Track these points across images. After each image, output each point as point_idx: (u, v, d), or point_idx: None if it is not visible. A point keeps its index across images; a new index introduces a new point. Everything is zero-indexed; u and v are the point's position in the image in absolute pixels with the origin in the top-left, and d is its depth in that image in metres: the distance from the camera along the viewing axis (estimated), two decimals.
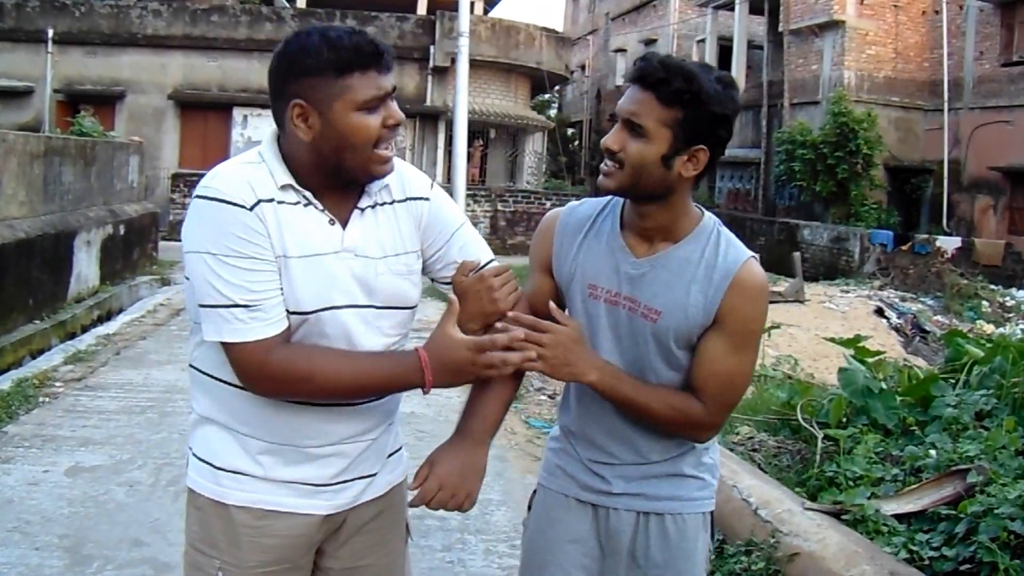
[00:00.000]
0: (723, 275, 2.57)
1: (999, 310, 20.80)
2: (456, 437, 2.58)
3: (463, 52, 20.31)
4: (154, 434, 7.81)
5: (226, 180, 2.35)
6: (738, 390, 2.68)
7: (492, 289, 2.56)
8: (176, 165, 28.77)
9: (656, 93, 2.49)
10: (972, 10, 29.73)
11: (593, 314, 2.68)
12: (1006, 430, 5.58)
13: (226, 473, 2.48)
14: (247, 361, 2.33)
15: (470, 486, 2.51)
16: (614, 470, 2.73)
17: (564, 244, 2.76)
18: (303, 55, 2.32)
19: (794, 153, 29.80)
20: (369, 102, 2.33)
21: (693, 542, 2.75)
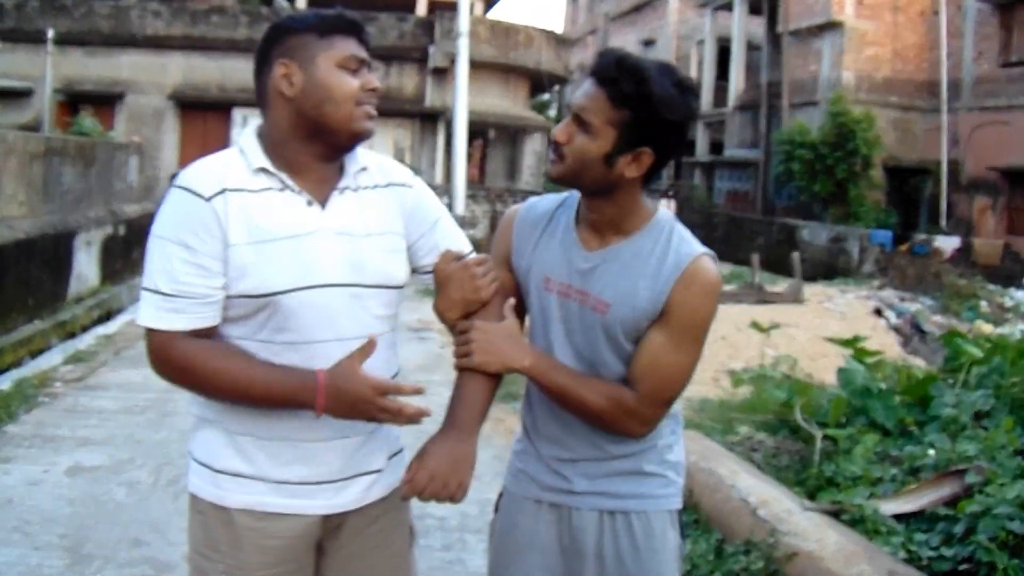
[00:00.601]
0: (672, 268, 2.56)
1: (998, 310, 20.79)
2: (445, 429, 2.59)
3: (462, 53, 20.35)
4: (154, 434, 7.82)
5: (195, 169, 2.46)
6: (675, 385, 2.64)
7: (475, 277, 2.60)
8: (176, 165, 28.69)
9: (607, 91, 2.49)
10: (971, 11, 29.76)
11: (546, 307, 2.70)
12: (1004, 430, 5.60)
13: (225, 476, 2.48)
14: (152, 347, 2.41)
15: (461, 476, 2.51)
16: (576, 468, 2.71)
17: (522, 239, 2.77)
18: (291, 20, 2.48)
19: (793, 153, 29.83)
20: (349, 61, 2.45)
21: (660, 541, 2.71)
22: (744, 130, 36.41)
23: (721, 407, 8.53)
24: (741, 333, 13.98)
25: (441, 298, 2.63)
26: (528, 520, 2.77)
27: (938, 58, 30.41)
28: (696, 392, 10.19)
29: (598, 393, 2.59)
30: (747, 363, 11.67)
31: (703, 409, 8.83)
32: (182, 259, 2.34)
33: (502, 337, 2.59)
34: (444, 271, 2.63)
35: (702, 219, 33.57)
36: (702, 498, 5.56)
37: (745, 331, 13.49)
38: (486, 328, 2.58)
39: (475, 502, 6.46)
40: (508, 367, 2.59)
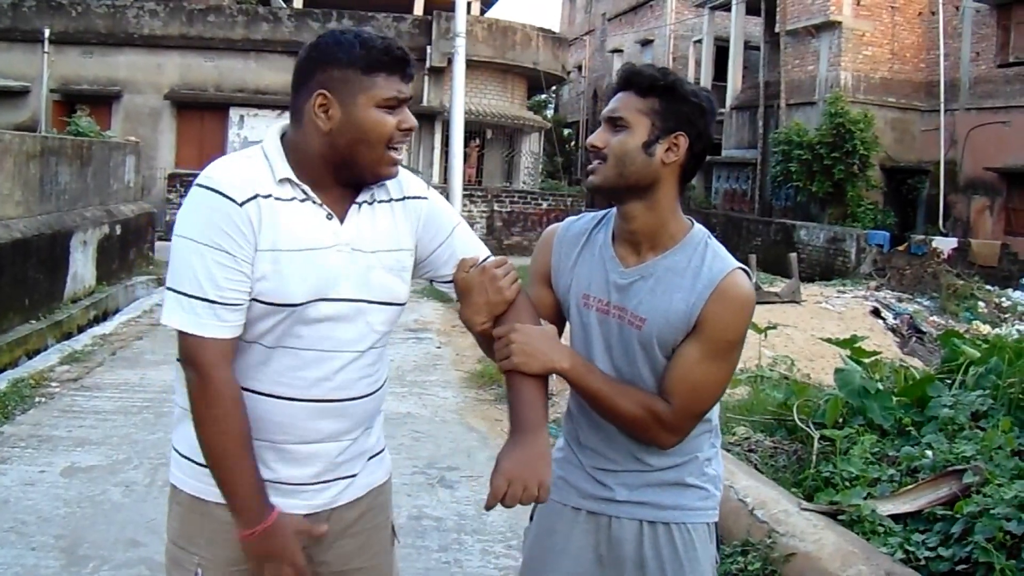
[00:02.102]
0: (707, 283, 2.59)
1: (995, 311, 20.79)
2: (513, 433, 2.58)
3: (460, 52, 20.34)
4: (150, 434, 7.81)
5: (224, 172, 2.41)
6: (707, 399, 2.68)
7: (496, 279, 2.62)
8: (172, 165, 28.73)
9: (634, 87, 2.60)
10: (968, 11, 29.75)
11: (587, 323, 2.73)
12: (1002, 430, 5.59)
13: (206, 469, 2.46)
14: (195, 353, 2.37)
15: (540, 474, 2.47)
16: (617, 477, 2.73)
17: (562, 257, 2.81)
18: (336, 47, 2.42)
19: (790, 154, 29.82)
20: (389, 101, 2.43)
21: (702, 552, 2.75)
22: (742, 130, 36.40)
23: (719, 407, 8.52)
24: None
25: (466, 306, 2.65)
26: (565, 526, 2.79)
27: (936, 58, 30.41)
28: None
29: (632, 401, 2.62)
30: (744, 363, 11.65)
31: None
32: (223, 265, 2.35)
33: (541, 339, 2.61)
34: (464, 279, 2.65)
35: (700, 219, 33.16)
36: None
37: None
38: (526, 330, 2.60)
39: (472, 503, 6.48)
40: (547, 368, 2.59)
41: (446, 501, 6.51)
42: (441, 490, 6.74)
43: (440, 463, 7.36)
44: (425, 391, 9.59)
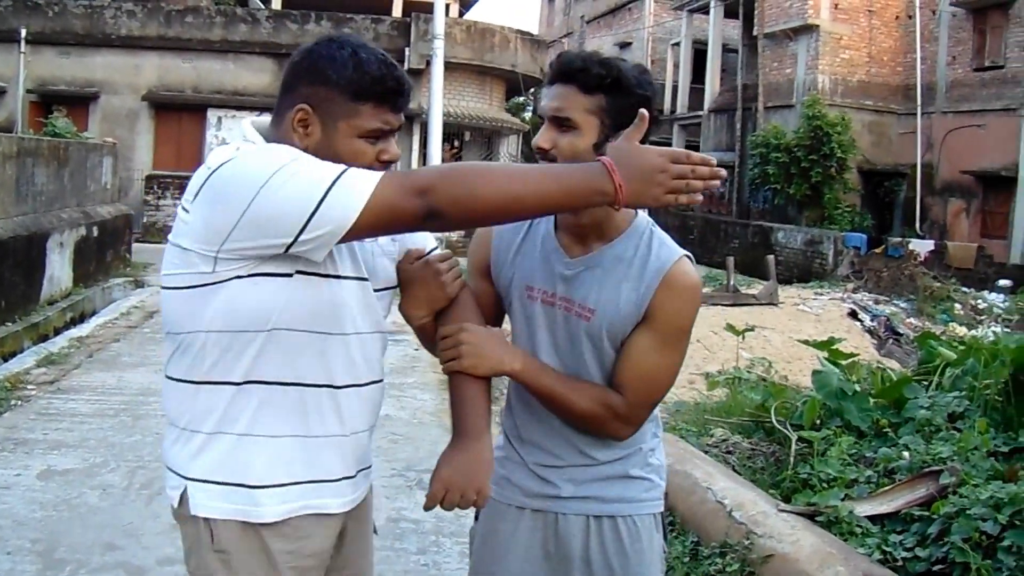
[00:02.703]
0: (655, 272, 2.57)
1: (971, 312, 20.92)
2: (454, 439, 2.52)
3: (438, 54, 20.33)
4: (127, 437, 7.78)
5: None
6: (660, 388, 2.65)
7: (439, 274, 2.56)
8: (150, 167, 28.62)
9: (577, 84, 2.51)
10: (945, 15, 29.93)
11: (531, 316, 2.69)
12: (978, 431, 5.62)
13: (265, 490, 2.34)
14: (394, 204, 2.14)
15: (478, 482, 2.42)
16: (562, 473, 2.70)
17: (502, 248, 2.76)
18: (328, 63, 2.32)
19: (768, 156, 29.94)
20: (373, 132, 2.35)
21: (647, 543, 2.72)
22: (719, 133, 36.51)
23: (696, 410, 8.55)
24: (716, 336, 14.03)
25: (407, 299, 2.59)
26: (510, 526, 2.75)
27: (913, 62, 30.59)
28: (671, 395, 10.18)
29: (587, 397, 2.59)
30: (722, 365, 11.72)
31: (678, 412, 8.84)
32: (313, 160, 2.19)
33: (491, 340, 2.55)
34: (408, 271, 2.59)
35: (677, 221, 33.65)
36: (678, 501, 5.56)
37: (720, 334, 13.53)
38: (475, 331, 2.54)
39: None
40: (498, 370, 2.54)
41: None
42: (419, 492, 6.72)
43: (418, 466, 7.35)
44: (403, 393, 9.58)
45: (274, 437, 2.36)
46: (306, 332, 2.34)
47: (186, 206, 2.28)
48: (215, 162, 2.24)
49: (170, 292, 2.34)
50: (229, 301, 2.26)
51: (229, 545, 2.34)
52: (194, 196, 2.25)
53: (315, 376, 2.38)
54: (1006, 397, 6.15)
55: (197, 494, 2.35)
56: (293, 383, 2.36)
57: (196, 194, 2.25)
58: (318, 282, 2.32)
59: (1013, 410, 6.07)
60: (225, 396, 2.33)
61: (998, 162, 27.21)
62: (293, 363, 2.34)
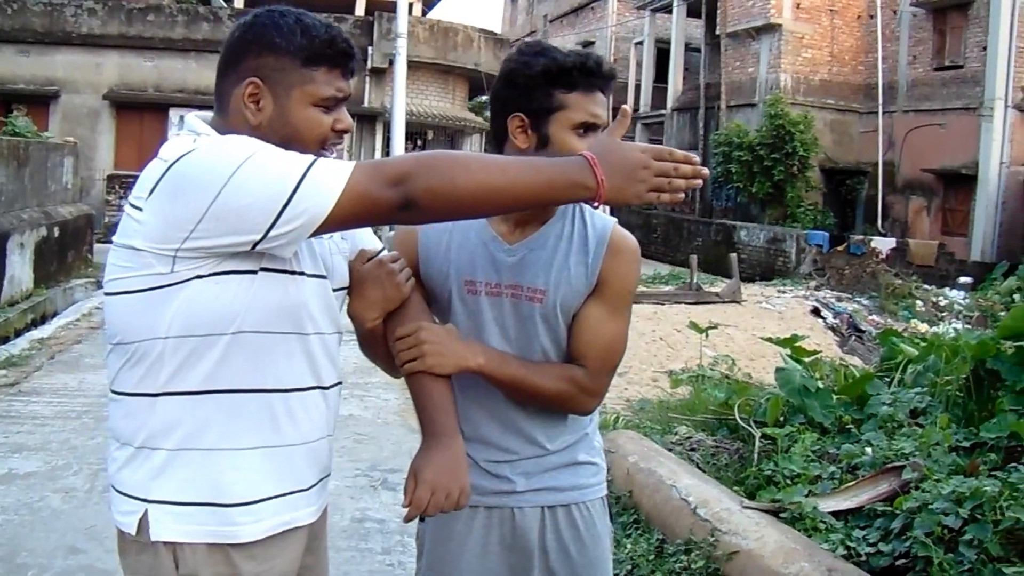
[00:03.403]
0: (598, 241, 2.60)
1: (932, 309, 21.06)
2: (428, 440, 2.46)
3: (401, 53, 20.32)
4: (90, 439, 7.72)
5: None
6: (618, 353, 2.68)
7: (393, 274, 2.49)
8: (111, 166, 28.42)
9: (606, 91, 2.57)
10: (905, 15, 30.15)
11: (475, 309, 2.65)
12: (940, 427, 5.66)
13: (240, 508, 2.21)
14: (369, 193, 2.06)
15: (460, 480, 2.39)
16: (515, 467, 2.68)
17: (431, 246, 2.70)
18: (274, 31, 2.24)
19: (731, 155, 30.08)
20: (327, 100, 2.28)
21: (600, 527, 2.75)
22: (682, 131, 36.61)
23: (660, 407, 8.57)
24: (680, 333, 14.07)
25: (358, 299, 2.50)
26: (463, 527, 2.71)
27: (874, 61, 30.79)
28: (635, 393, 10.24)
29: (551, 377, 2.59)
30: (686, 363, 11.75)
31: (642, 410, 8.87)
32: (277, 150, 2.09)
33: (450, 338, 2.53)
34: (361, 270, 2.50)
35: (641, 220, 33.74)
36: (642, 498, 5.57)
37: (684, 331, 13.58)
38: (434, 330, 2.51)
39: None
40: (462, 366, 2.51)
41: (389, 503, 6.48)
42: (384, 492, 6.71)
43: (382, 465, 7.34)
44: (367, 393, 9.55)
45: (245, 449, 2.22)
46: (272, 333, 2.22)
47: (137, 203, 2.14)
48: (171, 154, 2.13)
49: (118, 298, 2.18)
50: (189, 303, 2.12)
51: (197, 570, 2.19)
52: (149, 192, 2.11)
53: (283, 380, 2.26)
54: (967, 393, 6.21)
55: (162, 518, 2.18)
56: (261, 389, 2.23)
57: (152, 190, 2.11)
58: (284, 280, 2.22)
59: (974, 405, 6.12)
60: (188, 408, 2.19)
61: (958, 160, 27.45)
62: (260, 367, 2.22)
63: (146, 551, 2.20)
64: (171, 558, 2.18)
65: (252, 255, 2.13)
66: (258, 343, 2.21)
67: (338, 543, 5.59)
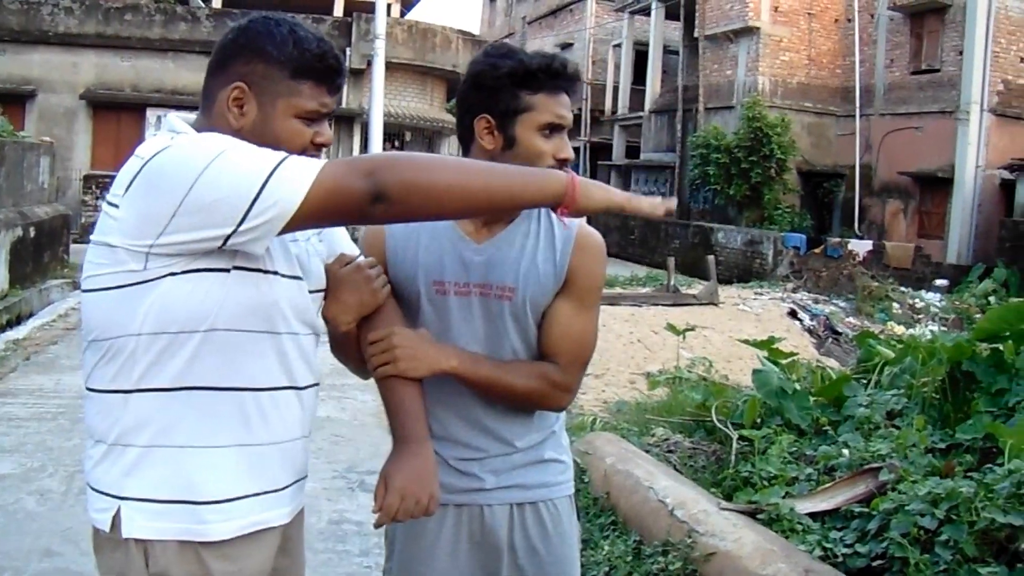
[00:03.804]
0: (565, 238, 2.65)
1: (909, 312, 21.14)
2: (400, 445, 2.49)
3: (379, 54, 20.29)
4: (66, 441, 7.68)
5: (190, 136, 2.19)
6: (589, 347, 2.72)
7: (370, 279, 2.50)
8: (88, 166, 28.31)
9: (571, 93, 2.63)
10: (883, 19, 30.28)
11: (443, 310, 2.66)
12: (916, 429, 5.67)
13: (211, 506, 2.20)
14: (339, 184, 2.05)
15: (430, 487, 2.42)
16: (483, 465, 2.69)
17: (398, 247, 2.71)
18: (267, 39, 2.25)
19: (708, 157, 30.16)
20: (311, 113, 2.29)
21: (568, 525, 2.77)
22: (660, 134, 36.69)
23: (637, 409, 8.57)
24: (657, 335, 14.09)
25: (334, 303, 2.50)
26: (434, 525, 2.70)
27: (851, 64, 30.92)
28: (613, 394, 10.24)
29: (524, 375, 2.61)
30: (663, 365, 11.77)
31: (619, 411, 8.88)
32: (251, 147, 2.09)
33: (423, 341, 2.54)
34: (339, 273, 2.50)
35: (618, 221, 33.79)
36: (619, 500, 5.57)
37: (661, 333, 13.61)
38: (406, 333, 2.52)
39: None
40: (435, 369, 2.53)
41: (366, 505, 6.45)
42: (361, 494, 6.70)
43: (360, 467, 7.33)
44: (344, 395, 9.53)
45: (217, 448, 2.22)
46: (244, 332, 2.22)
47: (114, 200, 2.14)
48: (147, 152, 2.13)
49: (94, 295, 2.19)
50: (162, 300, 2.12)
51: (167, 568, 2.18)
52: (125, 189, 2.12)
53: (255, 379, 2.25)
54: (943, 395, 6.23)
55: (133, 515, 2.18)
56: (232, 387, 2.23)
57: (128, 186, 2.12)
58: (257, 279, 2.21)
59: (950, 407, 6.15)
60: (160, 405, 2.19)
61: (935, 163, 27.58)
62: (232, 365, 2.21)
63: (119, 549, 2.20)
64: (142, 556, 2.18)
65: (225, 253, 2.13)
66: (230, 341, 2.20)
67: (315, 545, 5.58)
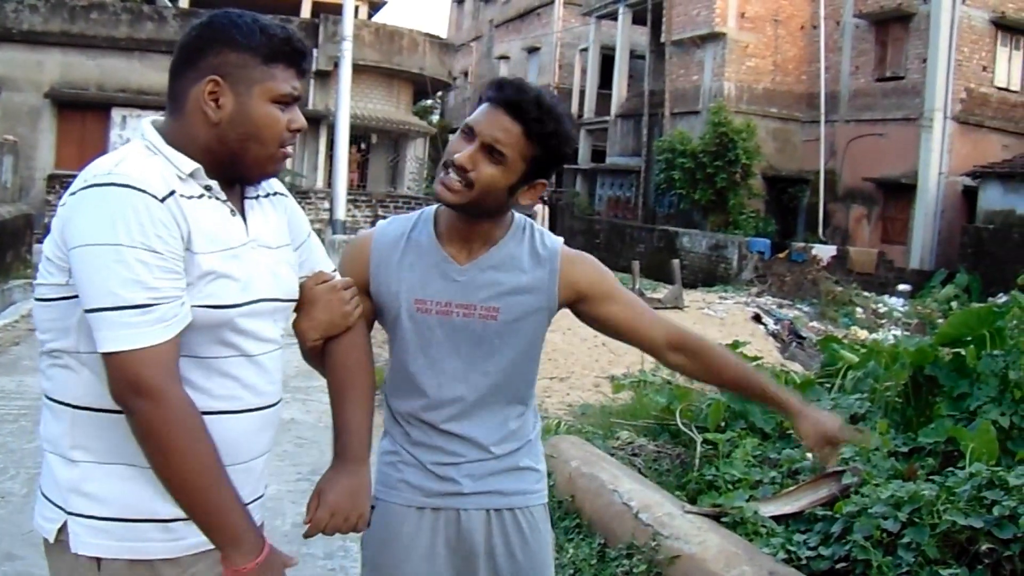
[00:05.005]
0: (550, 256, 2.73)
1: (872, 316, 21.28)
2: (337, 462, 2.52)
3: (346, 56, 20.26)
4: (27, 443, 7.61)
5: (136, 167, 2.13)
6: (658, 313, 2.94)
7: (344, 301, 2.53)
8: (52, 166, 28.05)
9: (526, 128, 2.55)
10: (848, 26, 30.48)
11: (424, 328, 2.69)
12: (879, 432, 5.72)
13: (152, 524, 2.18)
14: (138, 373, 2.03)
15: (361, 507, 2.46)
16: (460, 469, 2.72)
17: (382, 263, 2.73)
18: (233, 29, 2.23)
19: (674, 162, 30.25)
20: (285, 97, 2.27)
21: (544, 533, 2.82)
22: (626, 138, 36.77)
23: (602, 412, 8.59)
24: None
25: (305, 318, 2.51)
26: (411, 528, 2.74)
27: (817, 71, 31.09)
28: (577, 398, 10.25)
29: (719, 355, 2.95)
30: (628, 369, 11.77)
31: (584, 414, 8.89)
32: (148, 264, 2.04)
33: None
34: (315, 291, 2.51)
35: (583, 226, 33.87)
36: (584, 503, 5.58)
37: None
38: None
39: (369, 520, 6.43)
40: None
41: None
42: None
43: (324, 469, 7.28)
44: (308, 397, 9.50)
45: None
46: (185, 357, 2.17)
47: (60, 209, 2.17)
48: (91, 174, 2.14)
49: (39, 304, 2.20)
50: None
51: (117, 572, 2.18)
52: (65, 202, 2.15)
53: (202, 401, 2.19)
54: (906, 398, 6.28)
55: (80, 530, 2.18)
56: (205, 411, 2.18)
57: (64, 204, 2.14)
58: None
59: (912, 411, 6.20)
60: (106, 423, 2.16)
61: (898, 170, 27.80)
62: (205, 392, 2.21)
63: (66, 559, 2.21)
64: (94, 569, 2.18)
65: None
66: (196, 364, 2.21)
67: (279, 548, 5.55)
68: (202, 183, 2.24)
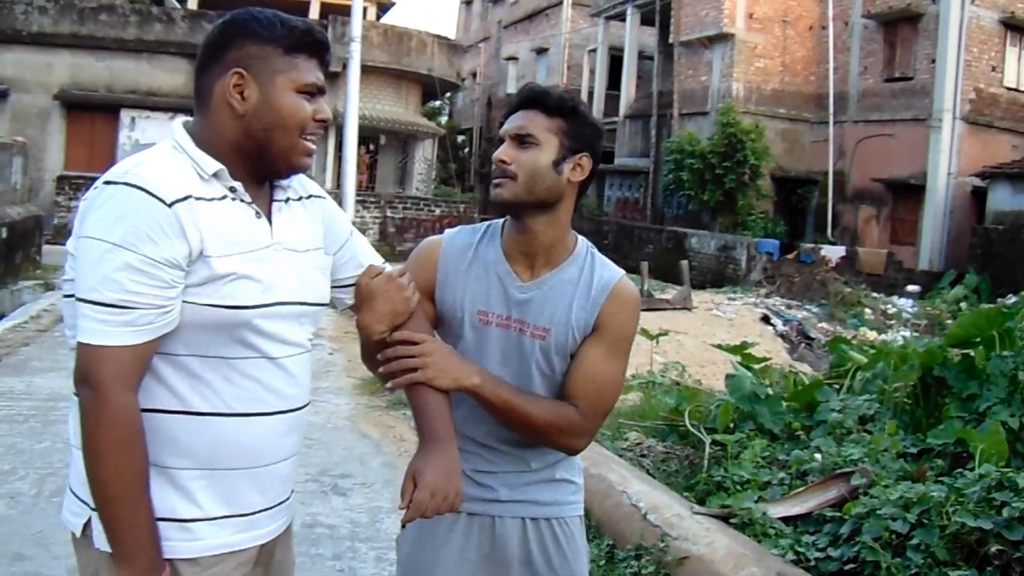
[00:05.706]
0: (601, 288, 2.72)
1: (881, 317, 21.25)
2: (427, 443, 2.51)
3: (354, 57, 20.19)
4: (37, 443, 7.63)
5: (152, 169, 2.16)
6: (610, 396, 2.77)
7: (402, 288, 2.56)
8: (61, 167, 28.14)
9: (539, 107, 2.67)
10: (857, 27, 30.44)
11: (483, 338, 2.74)
12: (888, 434, 5.71)
13: (171, 524, 2.20)
14: (91, 367, 2.09)
15: (456, 484, 2.45)
16: (498, 478, 2.76)
17: (450, 272, 2.78)
18: (254, 23, 2.28)
19: (682, 162, 30.23)
20: (309, 87, 2.30)
21: (580, 544, 2.83)
22: (635, 139, 36.75)
23: (611, 414, 8.58)
24: None
25: (367, 313, 2.56)
26: (444, 531, 2.76)
27: (825, 72, 31.05)
28: None
29: (543, 409, 2.66)
30: (636, 369, 11.74)
31: None
32: (133, 267, 2.07)
33: (451, 355, 2.61)
34: (369, 285, 2.56)
35: (592, 226, 33.80)
36: (593, 504, 5.57)
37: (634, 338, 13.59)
38: (436, 345, 2.60)
39: (365, 510, 6.45)
40: (457, 385, 2.58)
41: (339, 509, 6.45)
42: (334, 498, 6.68)
43: (333, 470, 7.30)
44: (318, 398, 9.50)
45: (182, 469, 2.23)
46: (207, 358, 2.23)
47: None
48: (110, 174, 2.19)
49: (66, 300, 2.23)
50: None
51: None
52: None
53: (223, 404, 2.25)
54: (915, 400, 6.27)
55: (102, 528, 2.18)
56: (199, 412, 2.23)
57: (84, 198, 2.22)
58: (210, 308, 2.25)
59: (921, 412, 6.19)
60: None
61: (907, 170, 27.76)
62: (198, 391, 2.23)
63: (91, 553, 2.23)
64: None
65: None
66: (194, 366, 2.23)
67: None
68: (226, 184, 2.26)
